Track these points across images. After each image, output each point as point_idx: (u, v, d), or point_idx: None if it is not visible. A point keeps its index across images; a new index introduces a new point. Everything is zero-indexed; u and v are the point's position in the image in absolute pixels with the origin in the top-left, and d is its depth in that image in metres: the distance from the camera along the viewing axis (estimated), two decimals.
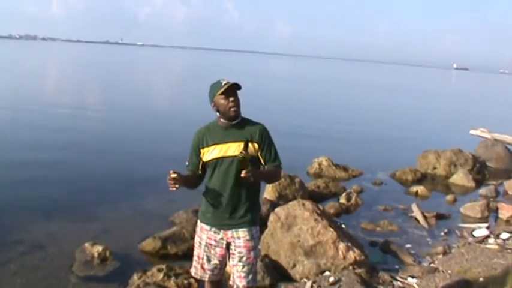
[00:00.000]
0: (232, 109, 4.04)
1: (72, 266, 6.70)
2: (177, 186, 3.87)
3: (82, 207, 9.09)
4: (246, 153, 3.93)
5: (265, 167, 4.18)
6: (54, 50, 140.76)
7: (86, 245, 7.03)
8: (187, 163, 4.29)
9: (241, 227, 4.17)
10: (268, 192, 9.57)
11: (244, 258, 4.18)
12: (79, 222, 8.39)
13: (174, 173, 3.87)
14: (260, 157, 4.15)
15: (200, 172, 4.24)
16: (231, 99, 4.02)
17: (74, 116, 20.22)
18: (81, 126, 17.80)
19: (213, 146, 4.11)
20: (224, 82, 4.03)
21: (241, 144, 4.00)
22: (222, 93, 4.02)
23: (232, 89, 4.03)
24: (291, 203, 7.47)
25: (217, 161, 4.09)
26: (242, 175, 3.86)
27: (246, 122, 4.19)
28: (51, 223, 8.25)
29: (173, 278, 6.13)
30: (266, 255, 6.78)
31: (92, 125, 18.26)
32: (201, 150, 4.16)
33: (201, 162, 4.20)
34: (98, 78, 43.83)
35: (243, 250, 4.17)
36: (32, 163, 11.93)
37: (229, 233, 4.17)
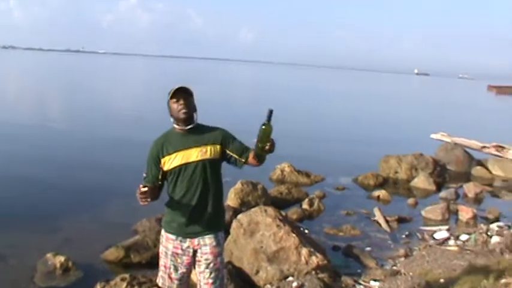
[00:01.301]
0: (181, 111, 4.03)
1: (34, 277, 6.65)
2: (148, 200, 3.84)
3: (43, 218, 8.98)
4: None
5: (240, 158, 4.18)
6: (15, 59, 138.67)
7: (48, 255, 6.97)
8: (144, 175, 4.21)
9: (208, 234, 4.17)
10: (231, 199, 9.58)
11: (211, 265, 4.18)
12: (41, 233, 8.29)
13: (144, 187, 3.81)
14: (230, 153, 4.16)
15: (160, 183, 4.19)
16: (180, 102, 4.02)
17: (33, 127, 19.91)
18: (41, 137, 17.56)
19: (175, 154, 4.08)
20: (176, 87, 4.04)
21: (203, 148, 4.06)
22: (172, 97, 4.04)
23: (181, 93, 4.04)
24: (253, 209, 7.49)
25: (181, 168, 4.07)
26: (267, 147, 4.04)
27: (204, 127, 4.21)
28: (12, 234, 8.12)
29: (136, 287, 6.10)
30: (229, 262, 6.76)
31: (52, 136, 18.00)
32: (161, 160, 4.11)
33: (161, 172, 4.15)
34: (58, 88, 43.23)
35: (210, 256, 4.17)
36: None
37: (195, 240, 4.16)
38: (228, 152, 4.16)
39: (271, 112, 4.04)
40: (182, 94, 4.04)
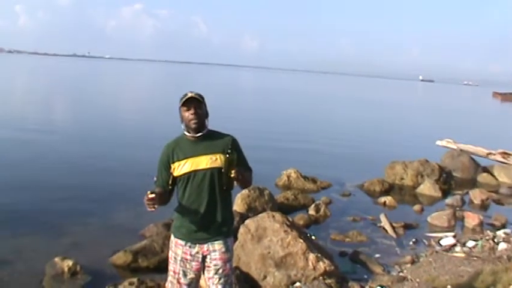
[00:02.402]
0: (192, 121, 4.04)
1: (43, 281, 6.67)
2: (155, 206, 3.85)
3: (52, 222, 9.02)
4: (232, 153, 3.94)
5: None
6: (21, 63, 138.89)
7: (56, 259, 6.98)
8: (155, 179, 4.23)
9: (217, 240, 4.17)
10: (238, 204, 9.60)
11: (220, 271, 4.18)
12: (49, 237, 8.32)
13: (151, 193, 3.81)
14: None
15: (170, 187, 4.19)
16: (191, 111, 4.02)
17: (42, 131, 19.93)
18: (50, 141, 17.56)
19: (185, 160, 4.09)
20: (189, 94, 4.05)
21: (213, 156, 4.05)
22: (183, 105, 4.05)
23: (192, 101, 4.04)
24: (260, 215, 7.51)
25: (190, 175, 4.08)
26: (232, 175, 3.90)
27: (215, 134, 4.21)
28: (20, 238, 8.15)
29: None
30: (237, 267, 6.77)
31: (60, 140, 18.02)
32: (172, 165, 4.13)
33: (171, 177, 4.16)
34: (66, 93, 43.31)
35: (219, 262, 4.17)
36: None
37: (205, 246, 4.17)
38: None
39: (233, 142, 4.04)
40: (193, 102, 4.04)
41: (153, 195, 3.80)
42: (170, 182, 4.18)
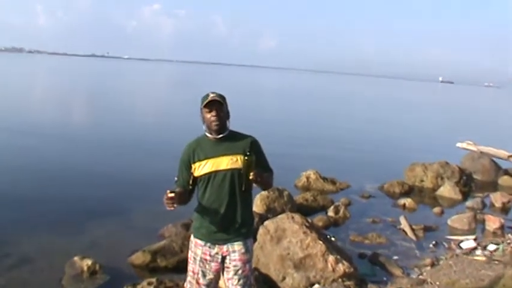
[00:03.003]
0: (213, 123, 4.03)
1: (62, 280, 6.71)
2: (174, 205, 3.84)
3: (71, 222, 9.07)
4: (251, 155, 3.92)
5: None
6: (41, 64, 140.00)
7: (76, 258, 7.02)
8: (176, 178, 4.22)
9: (237, 241, 4.17)
10: (257, 205, 9.58)
11: (240, 271, 4.18)
12: (68, 236, 8.37)
13: (171, 192, 3.81)
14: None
15: (190, 187, 4.19)
16: (213, 113, 4.01)
17: (63, 130, 20.13)
18: (71, 141, 17.69)
19: (205, 161, 4.08)
20: (210, 95, 4.03)
21: (234, 157, 4.04)
22: (205, 106, 4.03)
23: (214, 103, 4.02)
24: (280, 216, 7.50)
25: (210, 176, 4.07)
26: (251, 177, 3.88)
27: (236, 135, 4.19)
28: (40, 237, 8.21)
29: None
30: (256, 268, 6.76)
31: (80, 140, 18.13)
32: (192, 165, 4.12)
33: (191, 177, 4.15)
34: (85, 94, 43.57)
35: (239, 263, 4.17)
36: (21, 178, 11.89)
37: (224, 247, 4.17)
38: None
39: (251, 144, 4.05)
40: (215, 104, 4.02)
41: (172, 195, 3.79)
42: (191, 181, 4.16)
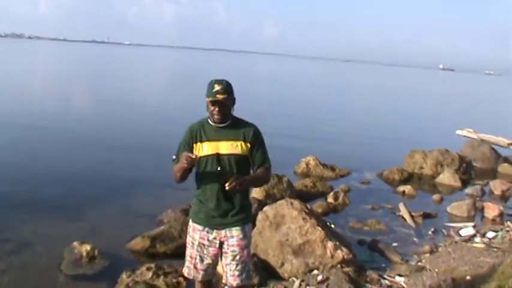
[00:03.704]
0: (215, 116, 4.04)
1: (61, 265, 6.69)
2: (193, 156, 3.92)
3: (70, 207, 9.08)
4: (222, 167, 3.99)
5: (254, 168, 4.19)
6: (41, 49, 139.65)
7: (75, 244, 7.02)
8: (174, 157, 4.20)
9: (235, 226, 4.17)
10: (256, 191, 9.56)
11: (237, 257, 4.18)
12: (67, 222, 8.37)
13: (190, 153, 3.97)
14: (250, 158, 4.16)
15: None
16: (216, 108, 4.00)
17: (62, 115, 20.14)
18: (70, 127, 17.64)
19: (206, 143, 4.08)
20: (215, 88, 3.97)
21: (234, 143, 4.05)
22: (208, 96, 4.01)
23: (217, 102, 4.01)
24: (279, 202, 7.50)
25: (209, 158, 4.07)
26: (226, 187, 3.88)
27: (239, 122, 4.18)
28: (39, 222, 8.21)
29: (162, 276, 6.13)
30: (254, 254, 6.75)
31: (80, 127, 18.10)
32: (194, 145, 4.11)
33: None
34: (85, 79, 43.52)
35: (236, 249, 4.17)
36: (20, 162, 11.90)
37: (222, 232, 4.17)
38: (250, 156, 4.16)
39: (218, 156, 4.06)
40: (220, 101, 4.00)
41: (194, 156, 3.92)
42: None
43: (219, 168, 4.00)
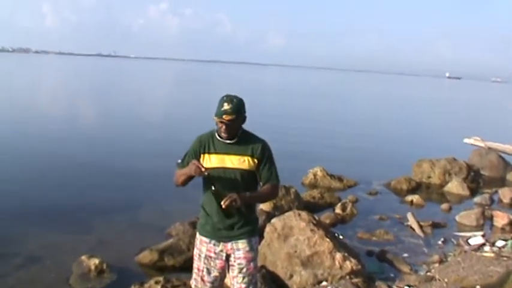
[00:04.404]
0: (222, 133, 4.02)
1: (69, 279, 6.71)
2: (204, 171, 3.89)
3: (79, 220, 9.09)
4: (217, 187, 3.97)
5: (261, 184, 4.16)
6: (47, 63, 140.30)
7: (83, 257, 7.03)
8: (179, 160, 4.20)
9: (241, 239, 4.16)
10: (264, 203, 9.56)
11: (244, 270, 4.18)
12: (76, 235, 8.39)
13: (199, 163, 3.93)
14: (257, 173, 4.14)
15: None
16: (223, 127, 3.98)
17: (72, 129, 20.24)
18: (77, 139, 17.75)
19: (214, 155, 4.07)
20: (223, 107, 3.93)
21: (242, 158, 4.04)
22: (216, 114, 3.97)
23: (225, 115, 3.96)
24: (287, 213, 7.50)
25: (215, 172, 4.04)
26: (222, 206, 3.87)
27: (248, 136, 4.16)
28: (47, 236, 8.22)
29: None
30: (263, 266, 6.75)
31: (87, 138, 18.21)
32: (202, 156, 4.10)
33: None
34: (91, 92, 43.66)
35: (243, 261, 4.17)
36: (28, 176, 11.96)
37: (228, 245, 4.17)
38: (257, 172, 4.14)
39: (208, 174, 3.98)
40: (227, 120, 3.97)
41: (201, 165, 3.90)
42: None
43: (213, 188, 3.97)
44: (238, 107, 3.99)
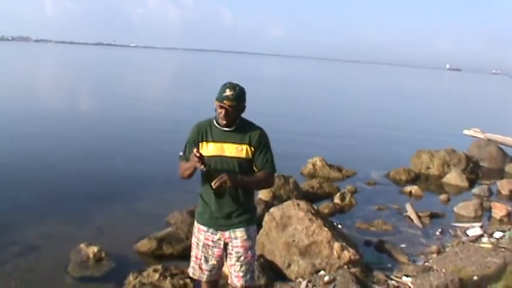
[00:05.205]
0: (221, 119, 4.02)
1: (68, 267, 6.70)
2: (204, 166, 3.88)
3: (77, 208, 9.08)
4: (209, 166, 3.95)
5: (256, 171, 4.15)
6: (47, 52, 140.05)
7: (81, 245, 7.02)
8: (181, 153, 4.22)
9: (239, 227, 4.17)
10: (263, 192, 9.55)
11: (241, 258, 4.20)
12: (74, 223, 8.38)
13: (197, 151, 3.90)
14: (253, 161, 4.13)
15: None
16: (223, 112, 3.98)
17: (68, 118, 20.20)
18: (75, 128, 17.75)
19: (212, 143, 4.08)
20: (225, 93, 3.95)
21: (239, 146, 4.04)
22: (217, 99, 3.99)
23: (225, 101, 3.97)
24: (285, 203, 7.49)
25: (214, 160, 4.05)
26: (213, 186, 3.88)
27: (246, 125, 4.16)
28: (46, 224, 8.23)
29: (169, 278, 6.13)
30: (261, 255, 6.77)
31: (86, 127, 18.21)
32: (200, 144, 4.10)
33: None
34: (91, 81, 43.55)
35: (241, 250, 4.19)
36: (26, 165, 11.94)
37: (226, 233, 4.18)
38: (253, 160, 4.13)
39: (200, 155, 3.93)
40: (227, 105, 3.98)
41: (199, 154, 3.88)
42: None
43: (204, 168, 3.93)
44: (239, 95, 4.01)
